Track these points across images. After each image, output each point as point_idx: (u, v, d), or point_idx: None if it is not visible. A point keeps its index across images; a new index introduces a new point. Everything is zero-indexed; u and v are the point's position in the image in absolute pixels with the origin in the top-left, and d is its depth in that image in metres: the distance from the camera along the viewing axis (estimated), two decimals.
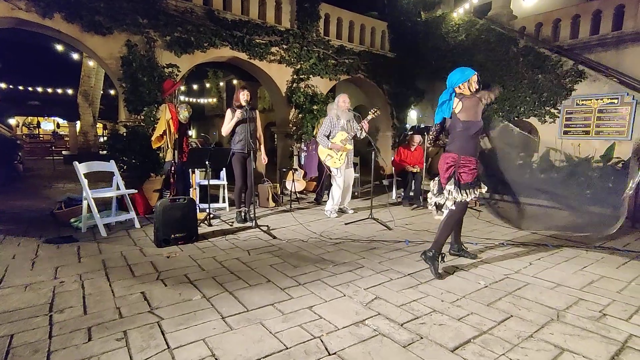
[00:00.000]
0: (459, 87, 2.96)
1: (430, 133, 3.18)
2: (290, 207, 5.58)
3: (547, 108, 6.93)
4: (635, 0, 6.66)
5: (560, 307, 2.36)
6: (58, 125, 23.92)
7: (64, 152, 15.60)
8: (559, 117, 6.81)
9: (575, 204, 2.97)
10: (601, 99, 6.30)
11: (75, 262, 3.11)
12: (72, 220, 4.29)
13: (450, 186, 2.91)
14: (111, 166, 4.40)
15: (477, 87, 2.98)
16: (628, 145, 5.90)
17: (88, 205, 3.94)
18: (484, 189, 3.02)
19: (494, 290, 2.63)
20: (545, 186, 3.05)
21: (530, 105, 7.09)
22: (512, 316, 2.23)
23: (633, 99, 5.96)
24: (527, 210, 3.24)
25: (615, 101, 6.14)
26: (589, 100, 6.44)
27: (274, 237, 3.94)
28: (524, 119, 7.31)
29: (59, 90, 16.99)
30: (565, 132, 6.76)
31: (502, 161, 3.37)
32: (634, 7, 6.67)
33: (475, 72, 2.98)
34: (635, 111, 5.92)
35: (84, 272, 2.85)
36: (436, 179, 3.12)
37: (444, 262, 3.05)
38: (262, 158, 4.74)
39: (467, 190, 2.89)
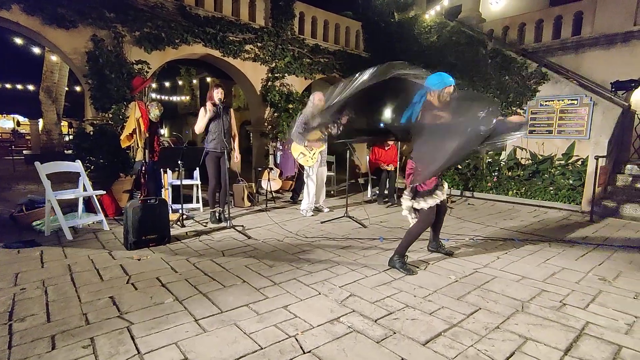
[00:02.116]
0: (430, 94, 2.79)
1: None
2: (266, 206, 5.54)
3: (514, 108, 7.22)
4: (592, 7, 7.06)
5: (525, 299, 2.48)
6: (18, 123, 22.59)
7: (24, 152, 14.78)
8: (524, 117, 7.11)
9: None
10: (562, 100, 6.63)
11: (38, 267, 2.96)
12: (34, 223, 4.08)
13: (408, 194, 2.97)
14: (77, 166, 4.22)
15: (448, 99, 2.78)
16: (587, 143, 6.26)
17: (52, 207, 3.76)
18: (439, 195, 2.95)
19: (463, 284, 2.72)
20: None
21: (498, 106, 7.37)
22: (480, 309, 2.32)
23: (590, 100, 6.32)
24: None
25: (575, 102, 6.49)
26: (551, 101, 6.77)
27: (249, 237, 3.90)
28: None
29: (19, 86, 16.04)
30: (531, 132, 7.07)
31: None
32: (591, 14, 7.07)
33: (453, 84, 2.79)
34: (592, 112, 6.29)
35: (48, 278, 2.72)
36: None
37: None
38: (234, 157, 4.67)
39: (422, 198, 2.91)
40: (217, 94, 4.34)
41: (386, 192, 6.14)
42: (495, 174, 6.93)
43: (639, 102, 7.84)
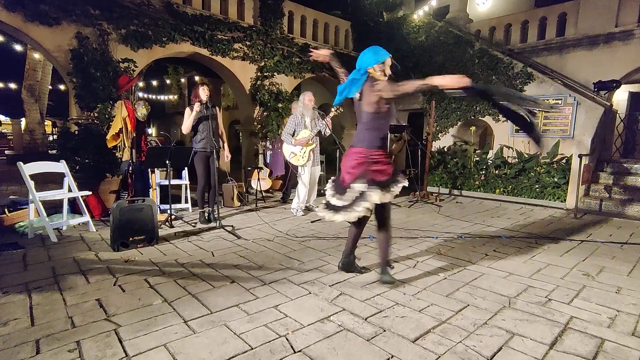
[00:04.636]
0: (373, 69, 2.59)
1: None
2: (256, 206, 5.52)
3: None
4: (575, 9, 7.22)
5: (512, 295, 2.53)
6: (0, 123, 22.01)
7: (6, 152, 14.41)
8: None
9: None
10: (547, 100, 6.77)
11: (21, 270, 2.88)
12: (17, 225, 3.98)
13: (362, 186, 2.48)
14: (61, 167, 4.13)
15: (391, 72, 2.63)
16: (571, 142, 6.40)
17: (35, 209, 3.67)
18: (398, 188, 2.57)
19: (452, 281, 2.76)
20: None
21: (486, 105, 7.48)
22: (468, 305, 2.36)
23: (574, 100, 6.46)
24: None
25: (560, 102, 6.62)
26: None
27: (239, 237, 3.88)
28: (479, 118, 7.70)
29: (0, 85, 15.59)
30: (517, 130, 7.18)
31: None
32: (575, 15, 7.23)
33: (390, 55, 2.63)
34: (576, 111, 6.43)
35: (31, 281, 2.66)
36: (331, 180, 2.85)
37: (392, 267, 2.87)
38: (225, 155, 4.63)
39: (385, 189, 2.49)
40: (204, 91, 4.29)
41: None
42: (483, 172, 7.03)
43: (620, 101, 8.07)
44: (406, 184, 2.63)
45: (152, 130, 20.37)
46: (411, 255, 3.34)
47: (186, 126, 4.33)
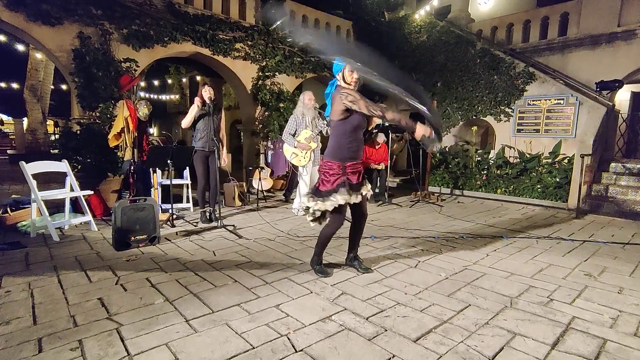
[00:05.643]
0: (338, 78, 2.61)
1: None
2: (257, 205, 5.52)
3: (502, 107, 7.33)
4: (577, 8, 7.21)
5: (513, 295, 2.52)
6: (2, 122, 22.10)
7: (9, 152, 14.46)
8: (512, 116, 7.23)
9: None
10: (549, 100, 6.76)
11: (23, 269, 2.89)
12: (19, 224, 3.99)
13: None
14: (63, 166, 4.13)
15: (355, 77, 2.55)
16: (573, 142, 6.38)
17: (38, 208, 3.68)
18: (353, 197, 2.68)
19: (453, 281, 2.75)
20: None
21: (487, 105, 7.48)
22: (470, 305, 2.35)
23: (576, 99, 6.45)
24: None
25: (562, 102, 6.61)
26: (538, 100, 6.89)
27: (240, 237, 3.88)
28: (481, 118, 7.69)
29: (2, 85, 15.64)
30: (519, 130, 7.19)
31: None
32: (577, 15, 7.21)
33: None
34: (578, 111, 6.41)
35: (34, 280, 2.67)
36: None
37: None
38: (222, 159, 4.59)
39: (321, 199, 2.68)
40: (206, 93, 4.29)
41: (377, 190, 6.17)
42: (484, 172, 7.02)
43: (622, 101, 8.05)
44: (339, 201, 2.67)
45: (153, 130, 20.42)
46: (412, 255, 3.34)
47: (186, 121, 4.32)
